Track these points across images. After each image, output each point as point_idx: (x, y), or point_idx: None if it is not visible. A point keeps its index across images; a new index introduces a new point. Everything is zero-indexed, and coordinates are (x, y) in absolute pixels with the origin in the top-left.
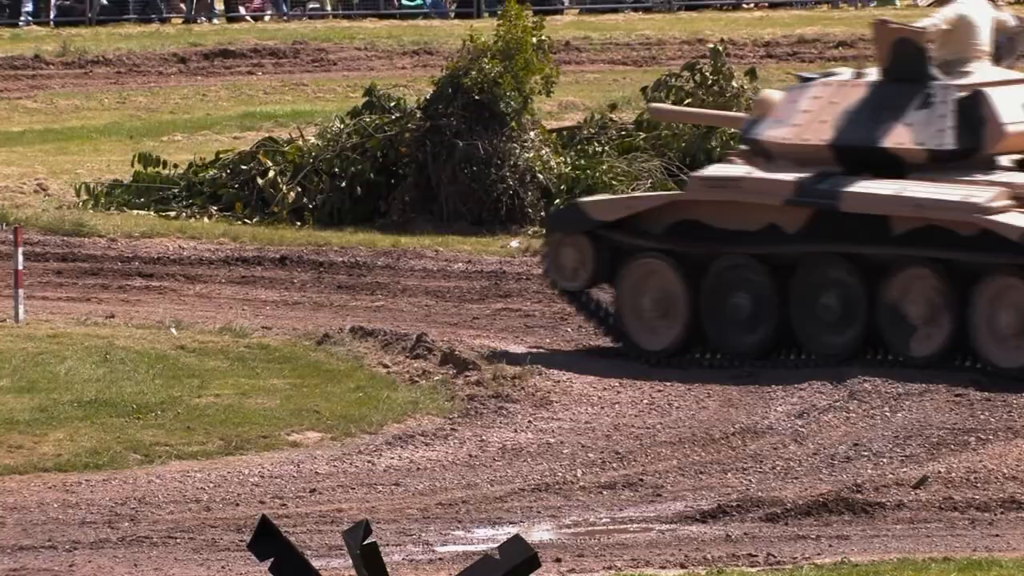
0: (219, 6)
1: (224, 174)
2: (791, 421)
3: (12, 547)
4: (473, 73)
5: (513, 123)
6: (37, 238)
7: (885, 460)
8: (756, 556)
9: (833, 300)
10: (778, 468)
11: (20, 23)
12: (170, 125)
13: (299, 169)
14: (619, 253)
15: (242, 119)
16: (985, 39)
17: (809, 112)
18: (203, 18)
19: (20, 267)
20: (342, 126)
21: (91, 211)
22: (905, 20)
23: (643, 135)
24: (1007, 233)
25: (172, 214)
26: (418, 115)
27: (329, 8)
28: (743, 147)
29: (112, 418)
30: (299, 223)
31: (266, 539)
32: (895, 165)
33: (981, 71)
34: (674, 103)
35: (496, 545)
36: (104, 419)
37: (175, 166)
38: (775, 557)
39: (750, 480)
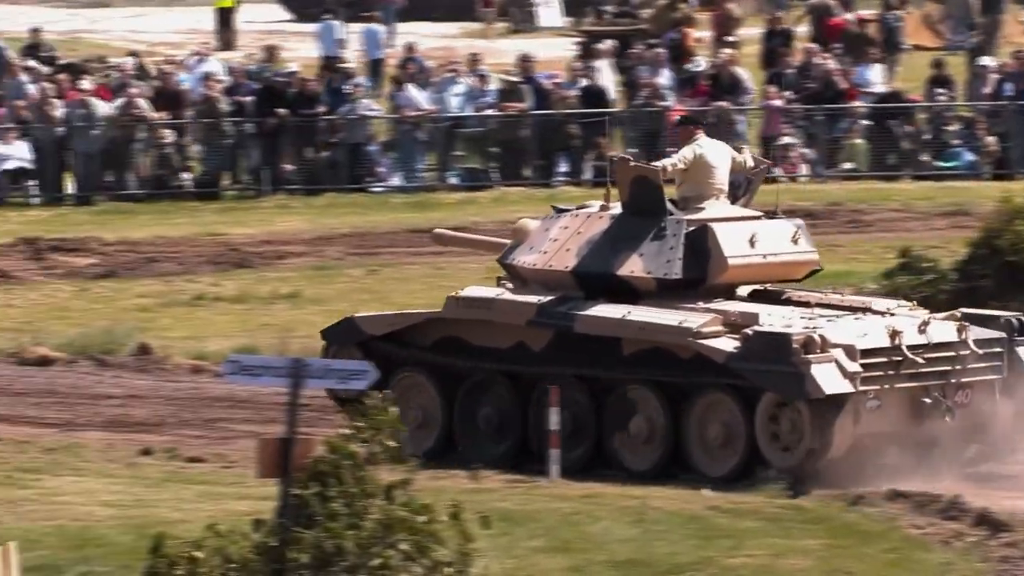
0: None
1: None
2: None
3: None
4: (1008, 235)
5: None
6: None
7: None
8: None
9: (565, 417)
10: None
11: (553, 183)
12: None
13: None
14: (389, 364)
15: None
16: (723, 178)
17: (557, 240)
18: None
19: (554, 427)
20: (877, 287)
21: None
22: None
23: None
24: (714, 356)
25: None
26: (953, 277)
27: (863, 168)
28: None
29: None
30: None
31: None
32: (629, 292)
33: (714, 207)
34: None
35: None
36: None
37: None
38: None
39: None
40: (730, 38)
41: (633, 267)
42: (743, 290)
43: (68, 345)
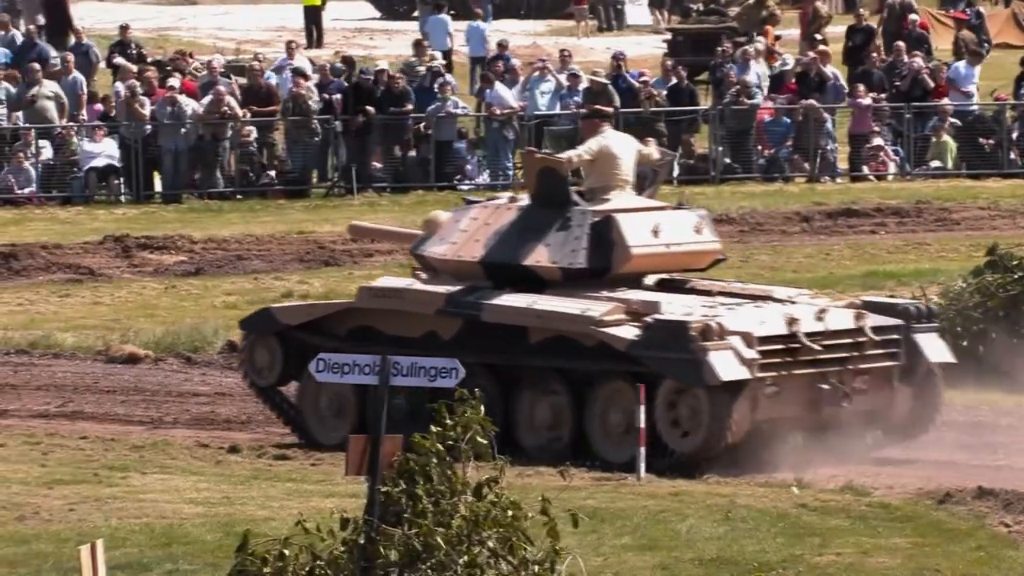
0: (843, 165)
1: None
2: None
3: None
4: None
5: None
6: None
7: None
8: None
9: None
10: None
11: None
12: (792, 284)
13: None
14: (304, 354)
15: (865, 278)
16: (628, 170)
17: (467, 232)
18: (826, 177)
19: (641, 424)
20: (964, 285)
21: None
22: None
23: None
24: (615, 344)
25: None
26: None
27: (951, 166)
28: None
29: None
30: None
31: None
32: (536, 281)
33: (619, 198)
34: None
35: None
36: None
37: None
38: None
39: None
40: (818, 36)
41: (539, 257)
42: (651, 279)
43: (156, 343)
